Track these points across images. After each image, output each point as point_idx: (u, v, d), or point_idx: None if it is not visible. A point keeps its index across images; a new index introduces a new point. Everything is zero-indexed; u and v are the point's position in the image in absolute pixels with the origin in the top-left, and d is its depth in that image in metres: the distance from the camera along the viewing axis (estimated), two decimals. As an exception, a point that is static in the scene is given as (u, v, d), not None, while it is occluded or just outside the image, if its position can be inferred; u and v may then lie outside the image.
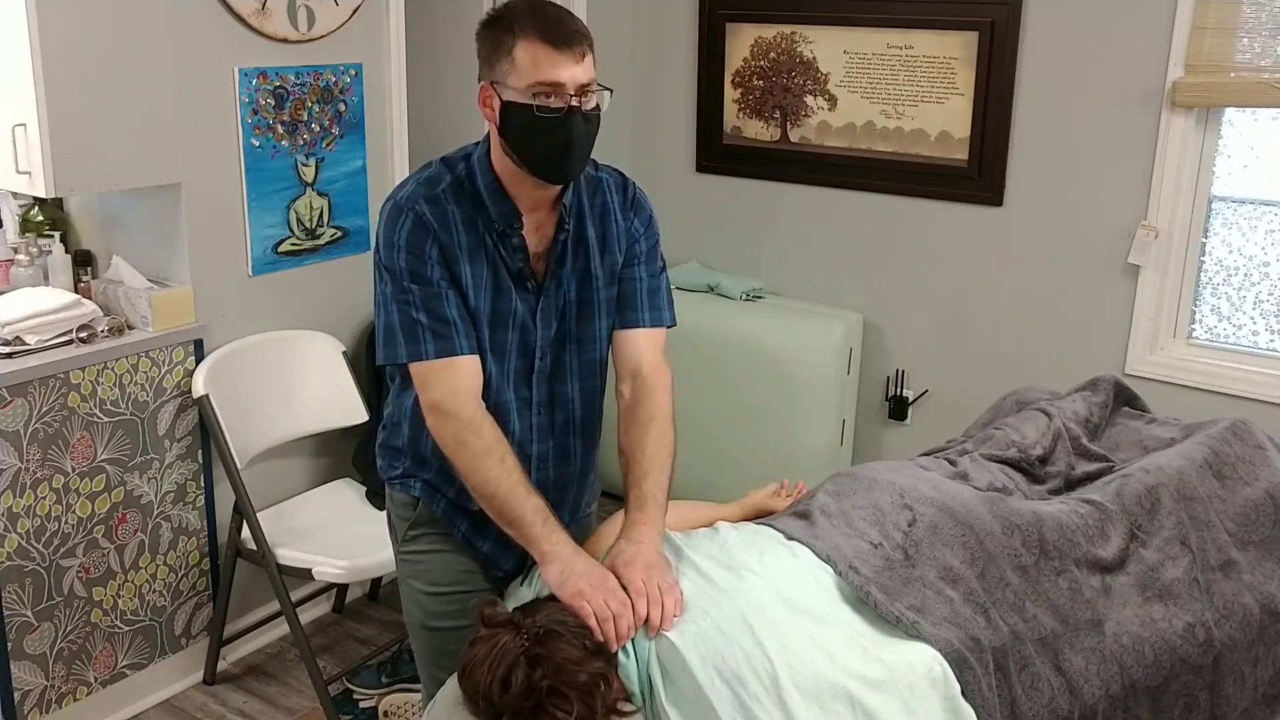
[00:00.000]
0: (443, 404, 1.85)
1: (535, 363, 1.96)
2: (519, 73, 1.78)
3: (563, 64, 1.77)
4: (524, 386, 1.96)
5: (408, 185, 1.90)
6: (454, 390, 1.85)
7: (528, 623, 1.67)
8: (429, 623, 2.04)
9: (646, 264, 2.02)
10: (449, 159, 1.94)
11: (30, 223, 3.05)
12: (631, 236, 2.01)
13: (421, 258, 1.84)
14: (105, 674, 2.93)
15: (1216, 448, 2.21)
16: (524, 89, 1.78)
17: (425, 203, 1.86)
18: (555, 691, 1.61)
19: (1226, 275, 3.35)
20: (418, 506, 2.03)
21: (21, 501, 2.66)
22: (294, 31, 3.05)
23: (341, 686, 3.13)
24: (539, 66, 1.77)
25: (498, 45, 1.80)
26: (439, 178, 1.90)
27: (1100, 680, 1.89)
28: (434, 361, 1.85)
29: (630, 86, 4.21)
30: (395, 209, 1.87)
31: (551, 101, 1.78)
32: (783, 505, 2.16)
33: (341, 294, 3.32)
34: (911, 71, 3.62)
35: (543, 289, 1.94)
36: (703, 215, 4.16)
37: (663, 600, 1.69)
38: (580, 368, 2.01)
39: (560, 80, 1.78)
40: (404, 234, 1.84)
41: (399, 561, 2.09)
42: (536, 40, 1.76)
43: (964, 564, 1.89)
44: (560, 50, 1.77)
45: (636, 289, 2.01)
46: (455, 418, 1.84)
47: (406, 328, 1.85)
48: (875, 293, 3.86)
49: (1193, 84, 3.16)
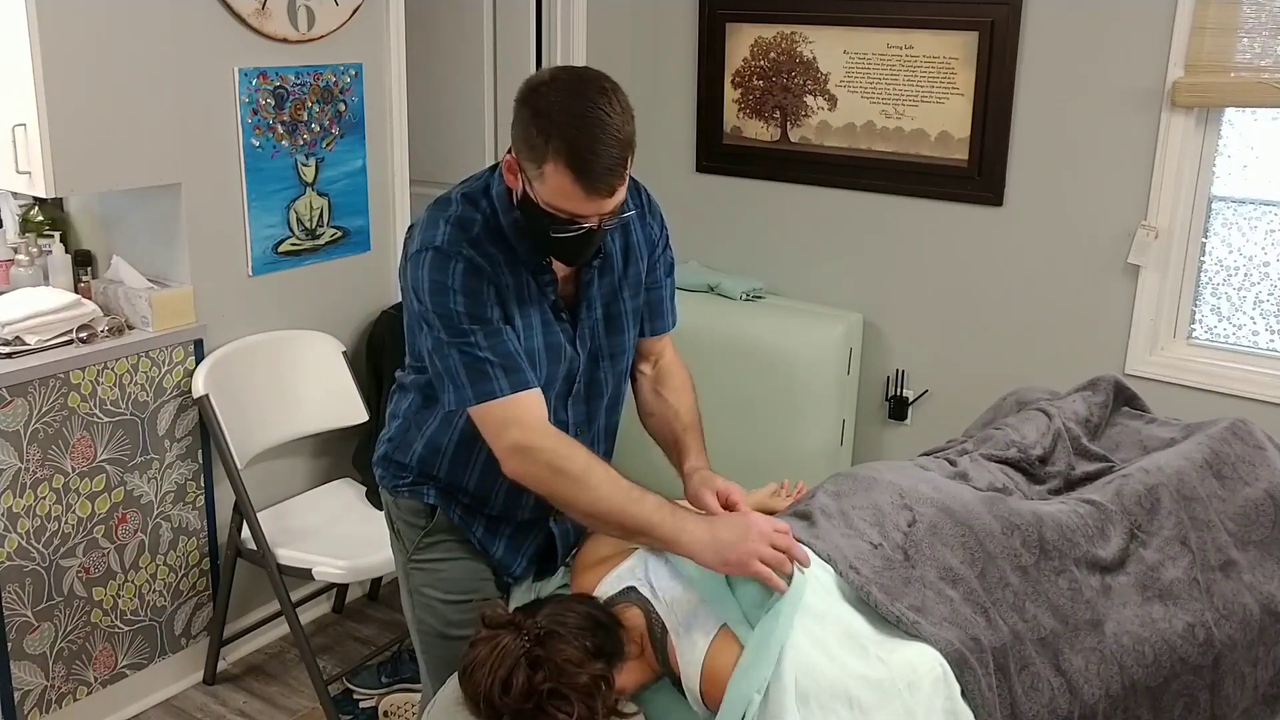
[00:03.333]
0: (519, 443, 1.78)
1: (574, 386, 1.96)
2: (545, 188, 1.71)
3: (591, 204, 1.72)
4: (562, 410, 1.96)
5: (440, 228, 1.82)
6: (534, 424, 1.80)
7: (529, 624, 1.67)
8: (448, 632, 2.01)
9: (670, 271, 2.07)
10: (470, 195, 1.86)
11: (30, 223, 3.05)
12: (652, 242, 2.01)
13: (480, 299, 1.79)
14: (105, 674, 2.93)
15: (1216, 448, 2.21)
16: (545, 202, 1.73)
17: (470, 246, 1.80)
18: (556, 693, 1.61)
19: (1226, 275, 3.35)
20: (434, 515, 2.01)
21: (21, 501, 2.66)
22: (294, 31, 3.05)
23: (341, 686, 3.13)
24: (564, 198, 1.71)
25: (530, 143, 1.70)
26: (470, 219, 1.83)
27: (1100, 680, 1.88)
28: (501, 401, 1.78)
29: (630, 86, 4.19)
30: (441, 255, 1.79)
31: (571, 223, 1.74)
32: (783, 505, 2.16)
33: (341, 294, 3.32)
34: (911, 71, 3.62)
35: (577, 315, 1.93)
36: (703, 215, 4.16)
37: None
38: (612, 378, 2.02)
39: (584, 214, 1.73)
40: (458, 278, 1.78)
41: (411, 571, 2.05)
42: (568, 174, 1.67)
43: (964, 564, 1.89)
44: (589, 193, 1.70)
45: (663, 296, 2.06)
46: (542, 449, 1.78)
47: (472, 370, 1.78)
48: (875, 293, 3.85)
49: (1193, 84, 3.16)
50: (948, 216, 3.67)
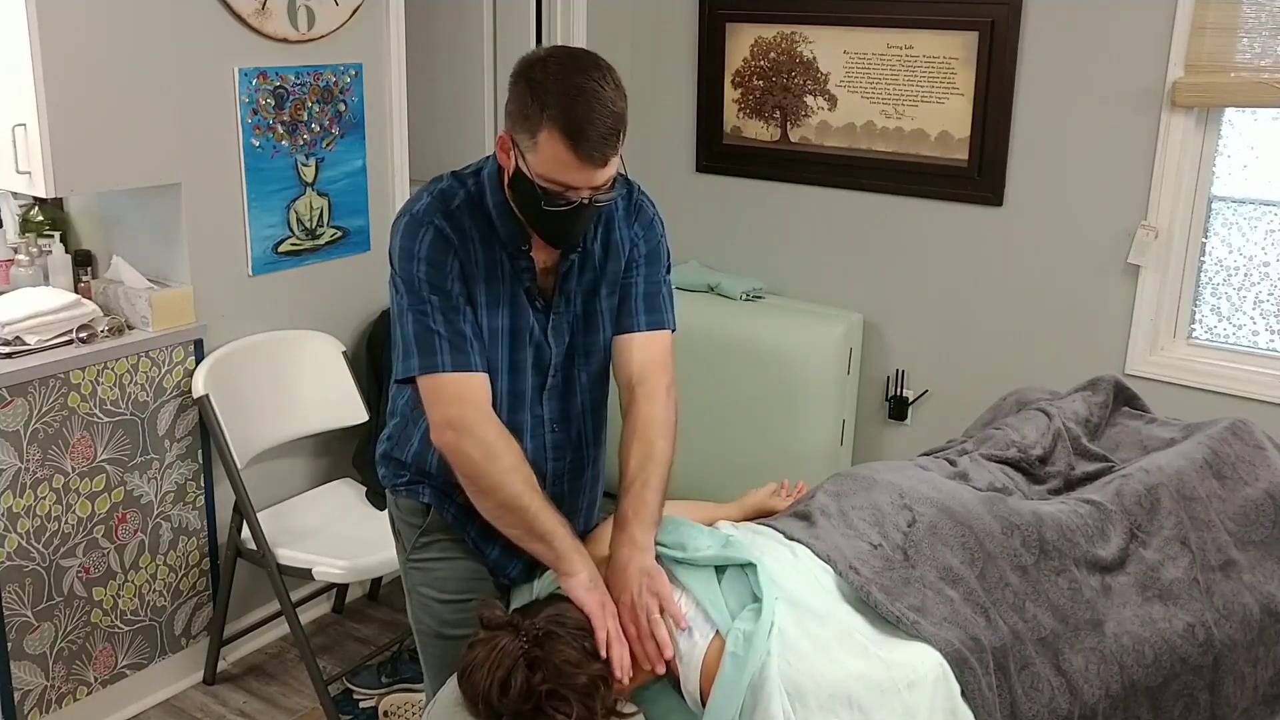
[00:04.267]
0: (461, 420, 1.80)
1: (548, 379, 1.95)
2: (538, 157, 1.72)
3: (584, 173, 1.72)
4: (537, 404, 1.95)
5: (422, 199, 1.86)
6: (473, 405, 1.81)
7: (527, 625, 1.67)
8: (444, 631, 2.01)
9: (646, 267, 1.99)
10: (459, 174, 1.90)
11: (30, 223, 3.05)
12: (631, 241, 1.99)
13: (442, 270, 1.81)
14: (105, 674, 2.93)
15: (1216, 448, 2.21)
16: (538, 174, 1.74)
17: (443, 217, 1.83)
18: (554, 694, 1.61)
19: (1226, 275, 3.35)
20: (429, 514, 2.01)
21: (21, 501, 2.66)
22: (294, 31, 3.05)
23: (341, 686, 3.13)
24: (558, 166, 1.71)
25: (525, 115, 1.72)
26: (453, 193, 1.86)
27: (1100, 680, 1.89)
28: (448, 375, 1.80)
29: (630, 86, 4.19)
30: (414, 221, 1.83)
31: (562, 196, 1.75)
32: (783, 505, 2.16)
33: (341, 294, 3.32)
34: (911, 71, 3.62)
35: (552, 306, 1.92)
36: (703, 215, 4.16)
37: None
38: (589, 380, 2.00)
39: (576, 185, 1.74)
40: (424, 246, 1.81)
41: (409, 570, 2.06)
42: (562, 142, 1.69)
43: (964, 564, 1.89)
44: (583, 160, 1.71)
45: (632, 293, 1.98)
46: (472, 433, 1.79)
47: (422, 339, 1.81)
48: (875, 293, 3.86)
49: (1193, 84, 3.16)
50: (948, 216, 3.67)
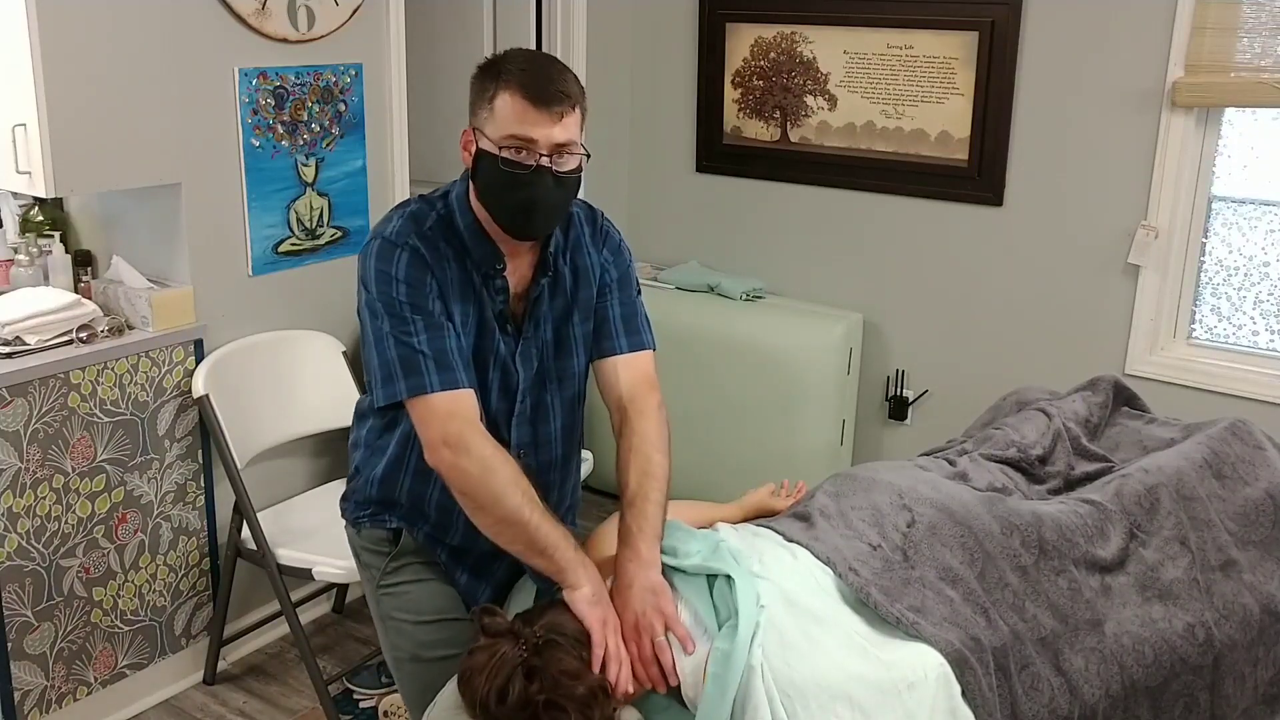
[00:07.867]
0: (458, 437, 1.77)
1: (516, 405, 1.95)
2: (495, 122, 1.77)
3: (539, 121, 1.75)
4: (505, 428, 1.95)
5: (393, 222, 1.87)
6: (467, 421, 1.79)
7: (527, 632, 1.66)
8: (421, 654, 1.98)
9: (619, 291, 2.01)
10: (428, 197, 1.92)
11: (30, 223, 3.05)
12: (602, 267, 2.00)
13: (421, 290, 1.81)
14: (105, 674, 2.93)
15: (1216, 448, 2.21)
16: (497, 140, 1.77)
17: (417, 238, 1.84)
18: (552, 705, 1.59)
19: (1226, 275, 3.35)
20: (399, 539, 2.01)
21: (21, 501, 2.66)
22: (294, 31, 3.05)
23: (341, 686, 3.13)
24: (514, 120, 1.75)
25: (482, 92, 1.80)
26: (424, 215, 1.88)
27: (1100, 680, 1.89)
28: (437, 395, 1.78)
29: (630, 86, 4.21)
30: (387, 245, 1.83)
31: (521, 157, 1.77)
32: (782, 505, 2.16)
33: (342, 294, 3.32)
34: (911, 71, 3.62)
35: (522, 331, 1.93)
36: (703, 215, 4.16)
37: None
38: (561, 405, 2.00)
39: (532, 137, 1.76)
40: (402, 267, 1.81)
41: (380, 598, 2.04)
42: (517, 93, 1.75)
43: (963, 564, 1.89)
44: (539, 108, 1.75)
45: (610, 316, 2.00)
46: (469, 449, 1.77)
47: (406, 361, 1.79)
48: (875, 293, 3.86)
49: (1193, 84, 3.16)
50: (947, 216, 3.67)
